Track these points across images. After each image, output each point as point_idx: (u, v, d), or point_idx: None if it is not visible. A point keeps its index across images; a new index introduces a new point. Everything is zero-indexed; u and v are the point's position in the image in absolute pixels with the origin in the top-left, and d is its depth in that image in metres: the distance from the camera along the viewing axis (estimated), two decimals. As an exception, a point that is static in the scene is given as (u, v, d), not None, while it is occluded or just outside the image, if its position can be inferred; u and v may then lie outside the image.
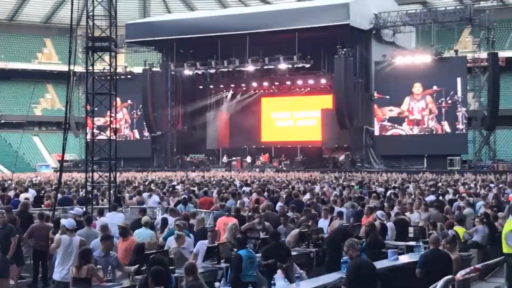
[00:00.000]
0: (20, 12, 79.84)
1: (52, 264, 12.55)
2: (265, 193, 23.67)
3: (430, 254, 11.16)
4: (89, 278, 10.29)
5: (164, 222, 15.34)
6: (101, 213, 16.50)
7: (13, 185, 28.96)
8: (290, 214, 16.91)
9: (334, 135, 54.81)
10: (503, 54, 55.52)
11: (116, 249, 12.13)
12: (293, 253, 13.28)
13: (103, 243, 11.58)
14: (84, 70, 21.34)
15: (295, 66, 51.78)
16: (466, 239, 15.14)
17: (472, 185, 30.37)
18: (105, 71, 22.73)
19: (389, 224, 15.71)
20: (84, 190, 22.09)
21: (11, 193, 22.79)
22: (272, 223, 15.20)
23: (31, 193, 23.28)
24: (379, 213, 16.33)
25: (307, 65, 51.57)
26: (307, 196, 22.05)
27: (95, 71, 21.37)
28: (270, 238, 12.76)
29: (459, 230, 15.12)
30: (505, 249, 8.17)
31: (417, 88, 50.45)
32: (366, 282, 9.87)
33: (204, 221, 15.16)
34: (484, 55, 51.04)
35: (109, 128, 21.42)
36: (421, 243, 13.54)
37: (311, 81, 56.66)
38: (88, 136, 23.19)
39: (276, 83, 58.35)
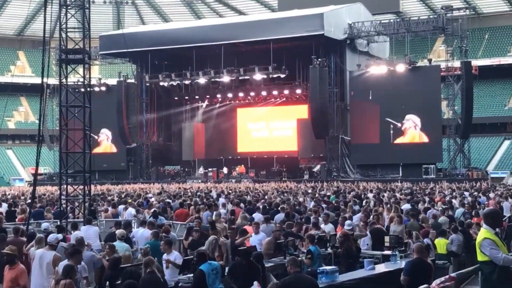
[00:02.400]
0: (-8, 25, 79.27)
1: None
2: (242, 204, 23.59)
3: (416, 262, 11.17)
4: (65, 294, 10.20)
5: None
6: (75, 227, 16.29)
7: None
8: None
9: (310, 145, 54.92)
10: (476, 62, 56.02)
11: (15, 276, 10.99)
12: (269, 264, 13.20)
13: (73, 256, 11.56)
14: (58, 83, 21.21)
15: (270, 76, 51.94)
16: (449, 250, 15.17)
17: (447, 193, 30.58)
18: (79, 83, 22.56)
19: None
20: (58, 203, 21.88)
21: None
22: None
23: (3, 208, 22.99)
24: (346, 223, 16.34)
25: (282, 75, 51.82)
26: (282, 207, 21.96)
27: (69, 83, 21.24)
28: (240, 256, 12.05)
29: (442, 241, 15.13)
30: (480, 257, 8.18)
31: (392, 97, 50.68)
32: None
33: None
34: (457, 64, 51.55)
35: (83, 141, 21.24)
36: (397, 252, 13.55)
37: (286, 91, 56.78)
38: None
39: (252, 94, 58.38)
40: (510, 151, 59.34)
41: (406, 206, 21.73)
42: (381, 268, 13.09)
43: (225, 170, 55.92)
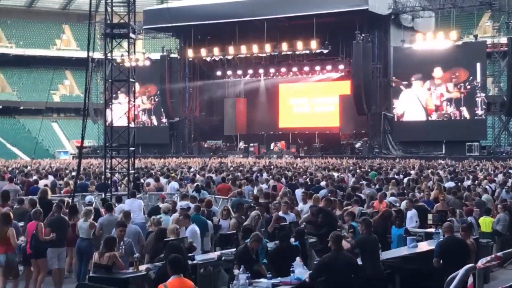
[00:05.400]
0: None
1: None
2: (283, 180, 23.62)
3: (445, 242, 11.11)
4: (110, 266, 10.43)
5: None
6: (119, 200, 16.56)
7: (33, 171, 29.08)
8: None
9: (352, 121, 54.60)
10: (523, 39, 54.82)
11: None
12: (311, 240, 13.24)
13: (116, 229, 11.80)
14: (103, 57, 21.44)
15: (313, 51, 51.59)
16: (494, 229, 15.02)
17: (491, 171, 30.18)
18: (123, 57, 22.75)
19: (412, 211, 15.45)
20: (102, 177, 22.18)
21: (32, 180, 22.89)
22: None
23: (50, 180, 23.41)
24: (391, 199, 16.25)
25: (325, 51, 51.46)
26: (324, 183, 21.94)
27: (113, 57, 21.43)
28: (280, 240, 11.84)
29: (487, 220, 14.99)
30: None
31: (437, 73, 49.99)
32: (338, 277, 9.46)
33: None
34: (504, 40, 50.49)
35: (127, 115, 21.48)
36: (440, 230, 13.45)
37: (329, 67, 56.32)
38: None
39: (294, 69, 58.05)
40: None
41: (449, 184, 21.55)
42: (423, 246, 13.05)
43: (266, 145, 55.94)
